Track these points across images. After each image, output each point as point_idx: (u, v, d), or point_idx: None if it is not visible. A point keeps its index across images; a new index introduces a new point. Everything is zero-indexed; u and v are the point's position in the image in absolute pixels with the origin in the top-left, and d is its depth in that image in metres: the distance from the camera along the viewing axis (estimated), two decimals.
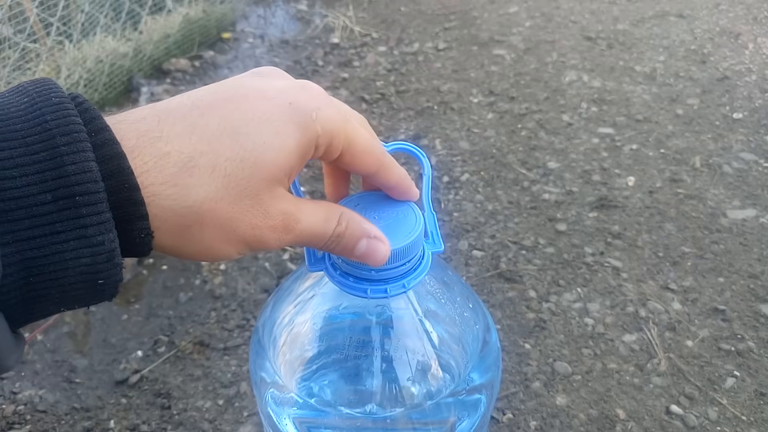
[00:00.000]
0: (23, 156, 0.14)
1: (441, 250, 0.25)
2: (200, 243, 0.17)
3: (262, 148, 0.17)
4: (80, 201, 0.14)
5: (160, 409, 0.57)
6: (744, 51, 1.16)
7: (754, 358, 0.60)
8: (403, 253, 0.22)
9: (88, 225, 0.14)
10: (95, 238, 0.15)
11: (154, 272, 0.73)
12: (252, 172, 0.17)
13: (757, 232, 0.76)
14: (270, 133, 0.17)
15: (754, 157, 0.89)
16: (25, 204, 0.14)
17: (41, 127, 0.14)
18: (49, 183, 0.14)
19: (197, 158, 0.16)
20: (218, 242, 0.17)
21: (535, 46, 1.20)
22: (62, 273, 0.14)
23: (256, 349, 0.30)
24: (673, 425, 0.54)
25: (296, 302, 0.29)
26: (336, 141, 0.19)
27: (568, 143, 0.93)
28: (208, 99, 0.18)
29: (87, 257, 0.15)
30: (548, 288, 0.69)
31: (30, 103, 0.15)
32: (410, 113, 1.02)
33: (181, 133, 0.16)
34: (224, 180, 0.17)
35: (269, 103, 0.18)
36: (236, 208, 0.17)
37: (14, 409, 0.58)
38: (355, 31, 1.29)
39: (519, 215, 0.79)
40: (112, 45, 1.06)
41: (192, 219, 0.17)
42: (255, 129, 0.17)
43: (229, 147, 0.17)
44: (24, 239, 0.14)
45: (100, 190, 0.15)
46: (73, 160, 0.14)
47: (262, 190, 0.17)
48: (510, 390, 0.57)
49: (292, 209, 0.18)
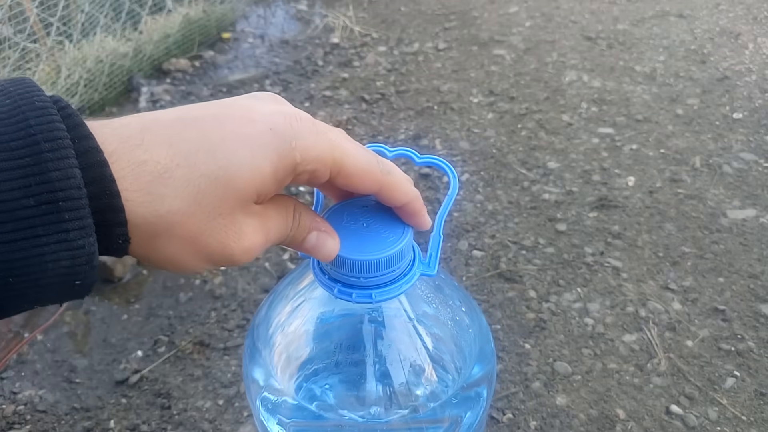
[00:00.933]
0: (7, 161, 0.14)
1: (432, 274, 0.24)
2: (167, 252, 0.18)
3: (235, 170, 0.17)
4: (63, 206, 0.15)
5: (160, 409, 0.57)
6: (744, 51, 1.16)
7: (754, 358, 0.60)
8: (379, 264, 0.22)
9: (69, 229, 0.15)
10: (76, 242, 0.15)
11: (154, 272, 0.73)
12: (224, 191, 0.17)
13: (757, 232, 0.76)
14: (246, 154, 0.17)
15: (754, 157, 0.89)
16: (8, 208, 0.14)
17: (25, 132, 0.15)
18: (33, 188, 0.14)
19: (173, 170, 0.17)
20: (185, 254, 0.18)
21: (535, 46, 1.20)
22: (41, 274, 0.15)
23: (249, 351, 0.30)
24: (673, 425, 0.54)
25: (291, 305, 0.29)
26: (321, 167, 0.19)
27: (568, 143, 0.93)
28: (195, 114, 0.18)
29: (67, 260, 0.15)
30: (548, 288, 0.69)
31: (12, 105, 0.15)
32: (410, 113, 1.02)
33: (161, 143, 0.17)
34: (197, 195, 0.17)
35: (251, 126, 0.18)
36: (207, 225, 0.17)
37: (14, 409, 0.58)
38: (355, 31, 1.29)
39: (519, 215, 0.79)
40: (112, 45, 1.06)
41: (161, 228, 0.17)
42: (231, 149, 0.17)
43: (205, 163, 0.17)
44: (6, 242, 0.14)
45: (83, 196, 0.15)
46: (57, 166, 0.15)
47: (236, 209, 0.18)
48: (510, 390, 0.57)
49: (261, 227, 0.19)
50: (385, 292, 0.23)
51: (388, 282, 0.23)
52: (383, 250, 0.22)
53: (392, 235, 0.22)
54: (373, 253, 0.22)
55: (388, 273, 0.22)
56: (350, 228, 0.22)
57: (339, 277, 0.23)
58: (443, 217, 0.25)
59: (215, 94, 1.10)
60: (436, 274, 0.25)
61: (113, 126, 0.17)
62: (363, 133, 0.97)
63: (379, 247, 0.22)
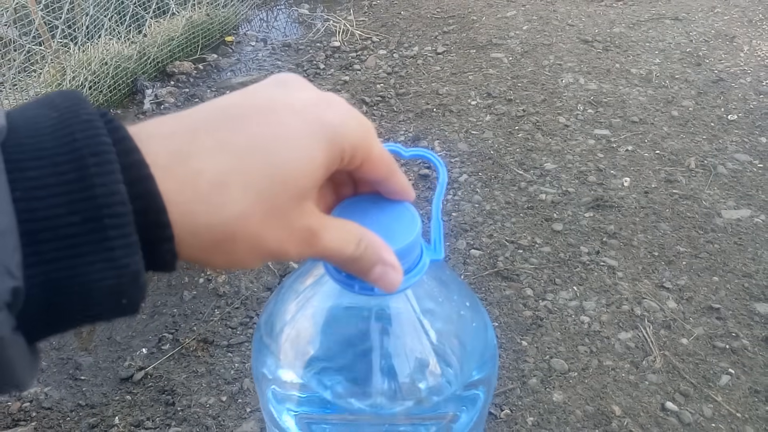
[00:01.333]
0: (52, 176, 0.14)
1: (440, 258, 0.25)
2: (230, 256, 0.18)
3: (292, 165, 0.17)
4: (108, 223, 0.14)
5: (164, 405, 0.58)
6: (739, 53, 1.18)
7: (748, 356, 0.61)
8: (398, 255, 0.23)
9: (115, 247, 0.14)
10: (122, 260, 0.15)
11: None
12: (282, 189, 0.17)
13: (751, 231, 0.77)
14: (299, 149, 0.17)
15: (748, 158, 0.90)
16: (51, 225, 0.14)
17: (70, 146, 0.14)
18: (77, 204, 0.14)
19: (229, 175, 0.16)
20: (246, 254, 0.18)
21: (532, 50, 1.21)
22: (86, 294, 0.15)
23: (258, 346, 0.30)
24: (669, 422, 0.55)
25: (298, 300, 0.30)
26: (359, 153, 0.19)
27: (565, 144, 0.94)
28: (237, 112, 0.18)
29: (112, 279, 0.15)
30: (545, 286, 0.70)
31: (59, 119, 0.15)
32: (410, 115, 1.03)
33: (212, 149, 0.17)
34: (255, 197, 0.17)
35: (297, 118, 0.18)
36: (265, 224, 0.17)
37: (20, 406, 0.59)
38: (356, 35, 1.30)
39: (516, 215, 0.80)
40: (116, 48, 1.07)
41: (223, 235, 0.17)
42: (284, 145, 0.17)
43: (259, 164, 0.17)
44: (50, 260, 0.14)
45: (128, 212, 0.15)
46: (102, 182, 0.14)
47: (291, 206, 0.18)
48: (507, 386, 0.58)
49: (317, 226, 0.19)
50: (405, 281, 0.24)
51: (410, 268, 0.24)
52: (400, 240, 0.23)
53: (404, 228, 0.23)
54: (399, 241, 0.23)
55: (410, 259, 0.24)
56: (362, 222, 0.23)
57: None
58: (439, 204, 0.26)
59: (219, 96, 1.11)
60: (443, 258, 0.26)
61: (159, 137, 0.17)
62: None
63: (394, 238, 0.23)
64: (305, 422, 0.29)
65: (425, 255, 0.25)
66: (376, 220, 0.24)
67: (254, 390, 0.59)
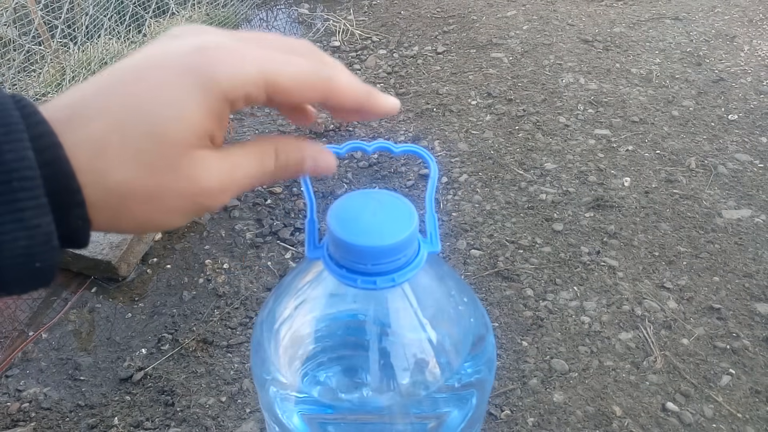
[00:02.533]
0: None
1: (437, 250, 0.26)
2: (134, 219, 0.18)
3: (167, 119, 0.17)
4: (17, 186, 0.15)
5: (163, 405, 0.58)
6: (739, 53, 1.18)
7: (749, 356, 0.61)
8: (396, 249, 0.23)
9: (24, 209, 0.15)
10: (32, 221, 0.15)
11: (158, 271, 0.74)
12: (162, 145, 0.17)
13: (751, 231, 0.77)
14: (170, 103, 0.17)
15: (749, 158, 0.90)
16: None
17: None
18: None
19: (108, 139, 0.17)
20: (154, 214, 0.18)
21: (532, 49, 1.21)
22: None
23: (257, 345, 0.30)
24: (669, 422, 0.55)
25: (296, 298, 0.30)
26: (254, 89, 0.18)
27: (565, 144, 0.94)
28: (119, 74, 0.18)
29: (24, 240, 0.15)
30: (545, 286, 0.69)
31: None
32: (410, 115, 1.03)
33: (94, 116, 0.17)
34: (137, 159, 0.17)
35: (168, 71, 0.17)
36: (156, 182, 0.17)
37: (19, 406, 0.59)
38: (356, 35, 1.30)
39: (516, 215, 0.80)
40: (116, 47, 1.07)
41: (116, 201, 0.17)
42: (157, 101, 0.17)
43: (135, 124, 0.17)
44: None
45: (36, 176, 0.15)
46: (10, 148, 0.15)
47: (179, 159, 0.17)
48: (508, 387, 0.58)
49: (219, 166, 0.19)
50: (403, 274, 0.24)
51: (402, 266, 0.24)
52: (398, 234, 0.23)
53: (400, 222, 0.23)
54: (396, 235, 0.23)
55: (399, 258, 0.24)
56: (358, 219, 0.23)
57: (357, 267, 0.24)
58: (432, 197, 0.26)
59: None
60: (439, 251, 0.26)
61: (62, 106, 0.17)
62: (363, 135, 0.98)
63: (391, 233, 0.23)
64: (306, 419, 0.29)
65: (423, 248, 0.25)
66: (373, 215, 0.24)
67: (254, 390, 0.58)
